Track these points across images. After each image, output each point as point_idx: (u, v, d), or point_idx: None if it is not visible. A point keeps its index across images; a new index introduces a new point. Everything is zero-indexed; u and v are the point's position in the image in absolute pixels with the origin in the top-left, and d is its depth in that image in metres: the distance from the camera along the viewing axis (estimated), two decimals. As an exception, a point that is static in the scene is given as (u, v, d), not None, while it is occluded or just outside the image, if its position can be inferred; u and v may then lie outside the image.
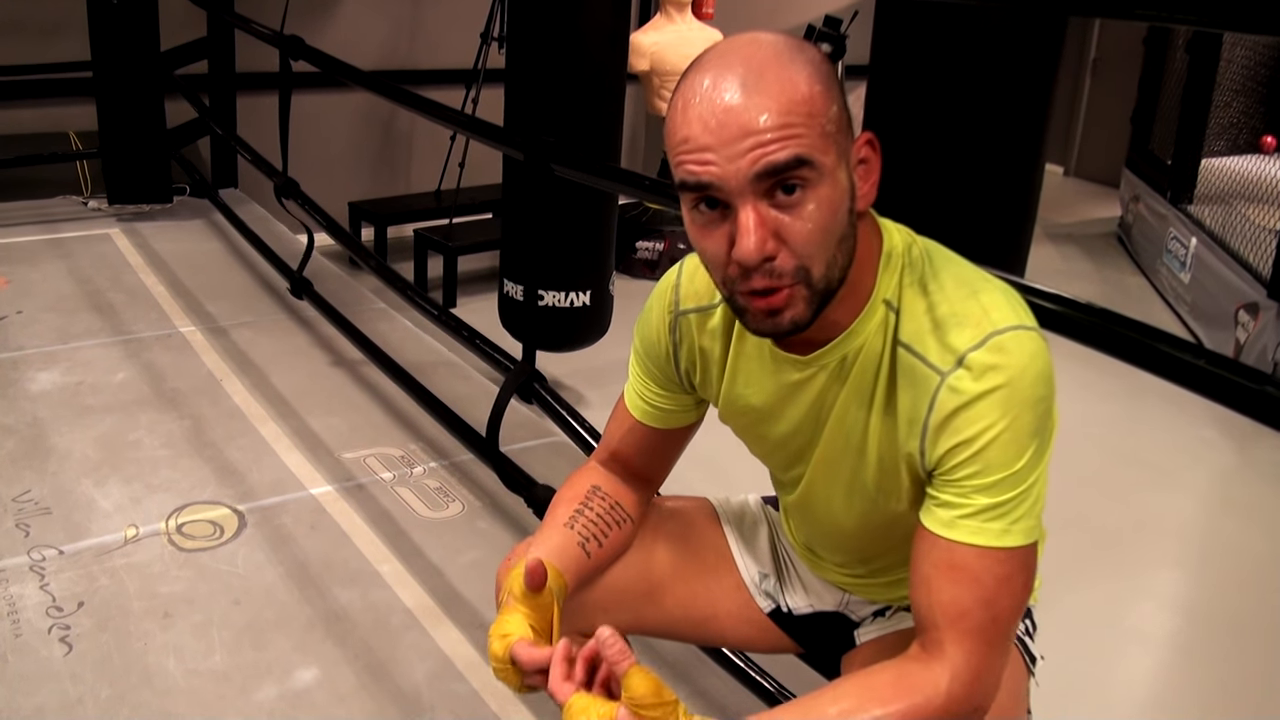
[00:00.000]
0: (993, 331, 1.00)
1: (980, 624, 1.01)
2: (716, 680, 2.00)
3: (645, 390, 1.32)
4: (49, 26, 4.72)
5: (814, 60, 0.98)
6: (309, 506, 2.60)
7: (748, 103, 0.95)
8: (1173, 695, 2.62)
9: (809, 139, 0.96)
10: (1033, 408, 1.00)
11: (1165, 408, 3.88)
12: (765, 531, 1.48)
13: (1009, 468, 1.01)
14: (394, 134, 5.77)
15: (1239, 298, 4.52)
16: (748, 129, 0.95)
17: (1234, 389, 1.26)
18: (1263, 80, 5.75)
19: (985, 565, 1.01)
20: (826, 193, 0.98)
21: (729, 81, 0.96)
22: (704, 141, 0.96)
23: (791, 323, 1.02)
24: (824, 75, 0.98)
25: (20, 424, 2.87)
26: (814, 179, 0.97)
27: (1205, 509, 3.60)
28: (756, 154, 0.95)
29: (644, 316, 1.30)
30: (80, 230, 4.51)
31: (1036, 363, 1.01)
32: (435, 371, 3.35)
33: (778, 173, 0.95)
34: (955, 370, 1.01)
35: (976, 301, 1.03)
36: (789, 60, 0.97)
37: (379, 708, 1.95)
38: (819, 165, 0.96)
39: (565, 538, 1.28)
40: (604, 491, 1.35)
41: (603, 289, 3.46)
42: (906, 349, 1.05)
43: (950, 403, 1.01)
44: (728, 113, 0.95)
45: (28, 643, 2.04)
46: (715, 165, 0.96)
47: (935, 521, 1.04)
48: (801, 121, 0.95)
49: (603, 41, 3.26)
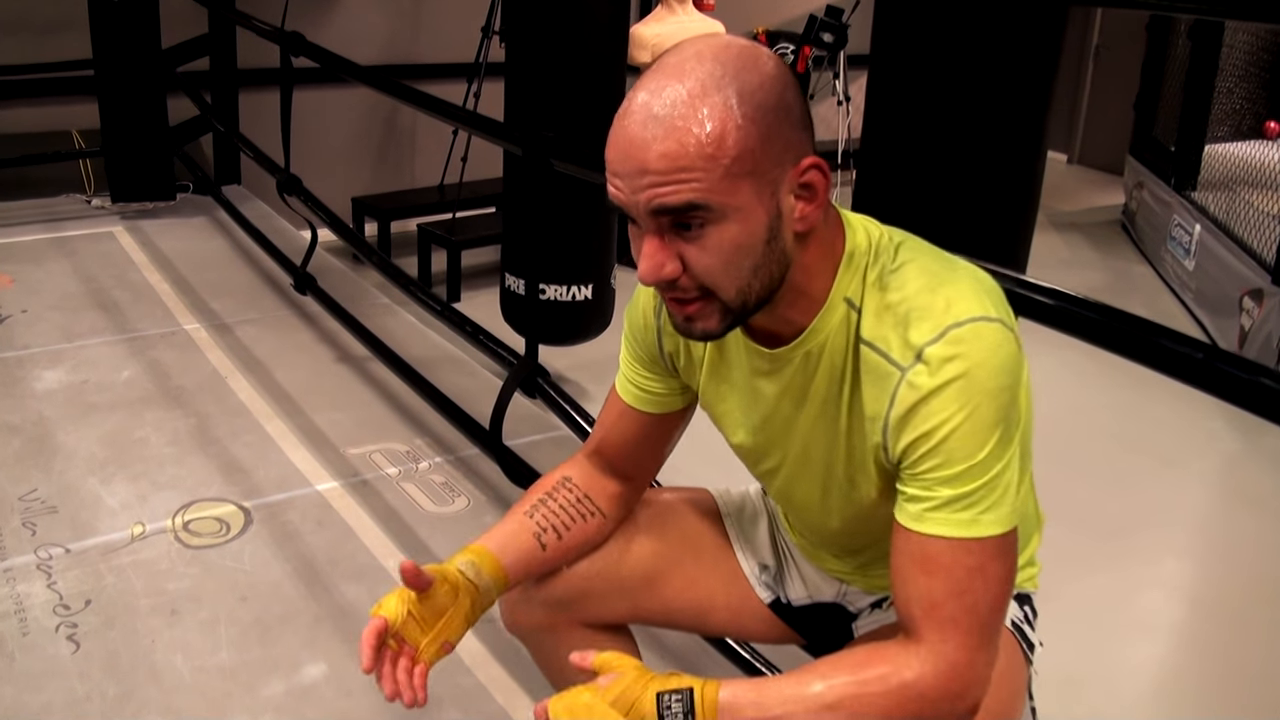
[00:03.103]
0: (951, 324, 1.01)
1: (954, 614, 1.01)
2: (721, 672, 1.99)
3: (634, 374, 1.33)
4: (50, 25, 4.72)
5: (746, 88, 0.96)
6: (315, 502, 2.60)
7: (650, 139, 0.96)
8: (1178, 684, 2.62)
9: (706, 183, 0.96)
10: (993, 398, 1.00)
11: (1171, 398, 3.82)
12: (765, 522, 1.48)
13: (971, 458, 1.01)
14: (396, 129, 5.77)
15: (1243, 284, 4.51)
16: (645, 167, 0.96)
17: (1235, 384, 1.25)
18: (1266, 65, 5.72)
19: (955, 556, 1.02)
20: (730, 229, 0.99)
21: (647, 109, 0.97)
22: (615, 167, 1.00)
23: (703, 332, 1.06)
24: (751, 108, 0.96)
25: (26, 422, 2.88)
26: (712, 218, 0.98)
27: (1211, 499, 3.59)
28: (650, 193, 0.97)
29: (633, 300, 1.32)
30: (84, 229, 4.52)
31: (997, 354, 1.00)
32: (439, 366, 3.35)
33: (670, 212, 0.98)
34: (914, 365, 1.02)
35: (938, 294, 1.03)
36: (712, 89, 0.96)
37: (386, 702, 1.95)
38: (717, 207, 0.97)
39: (520, 526, 1.32)
40: (574, 483, 1.36)
41: (604, 282, 3.46)
42: (869, 346, 1.06)
43: (909, 398, 1.02)
44: (632, 145, 0.97)
45: (35, 641, 2.04)
46: (621, 193, 1.00)
47: (905, 515, 1.05)
48: (700, 166, 0.95)
49: (602, 34, 3.25)
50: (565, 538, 1.33)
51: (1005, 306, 1.06)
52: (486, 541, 1.29)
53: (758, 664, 1.81)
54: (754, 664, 1.81)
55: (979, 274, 1.08)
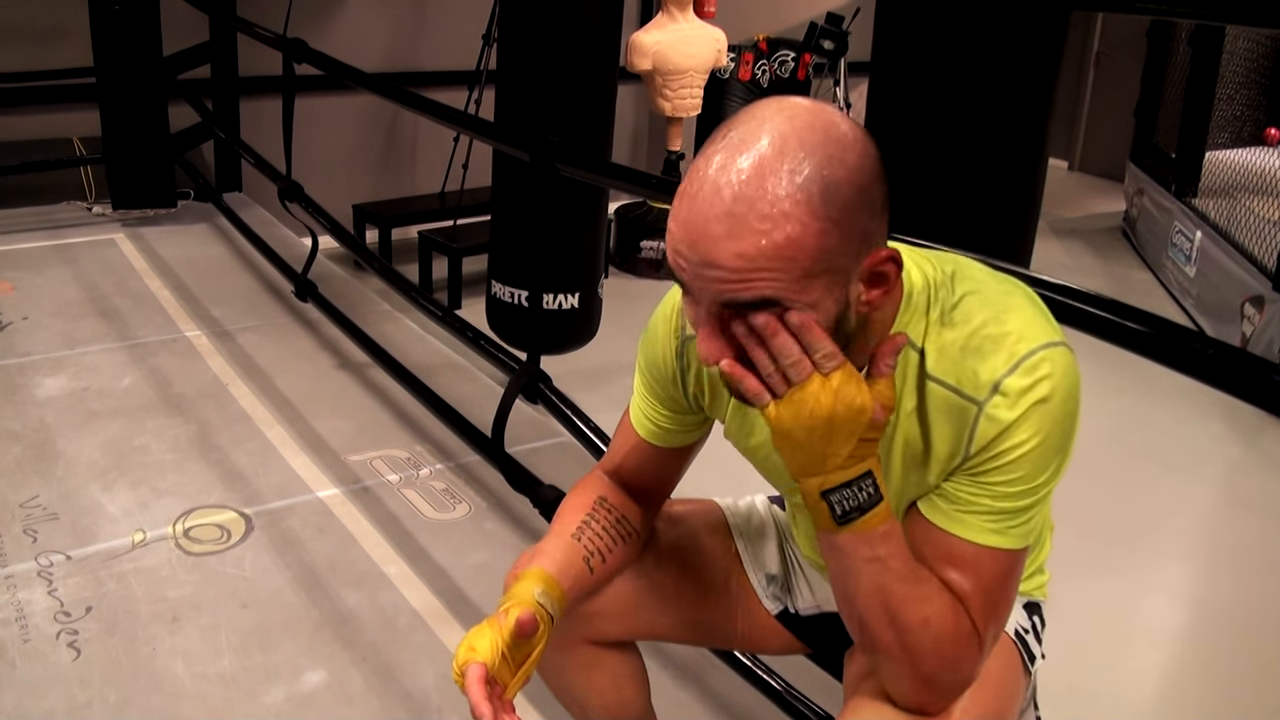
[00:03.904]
0: (1025, 355, 1.01)
1: (981, 606, 1.04)
2: (726, 681, 1.99)
3: (651, 411, 1.31)
4: (52, 32, 4.73)
5: (831, 184, 0.90)
6: (316, 509, 2.60)
7: (723, 235, 0.90)
8: (1182, 690, 2.61)
9: (780, 284, 0.91)
10: (1063, 423, 1.02)
11: (1172, 402, 3.87)
12: (773, 533, 1.48)
13: (1033, 480, 1.03)
14: (397, 136, 5.78)
15: (1244, 290, 4.51)
16: (716, 261, 0.91)
17: (1242, 379, 1.25)
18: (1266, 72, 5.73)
19: (981, 560, 1.04)
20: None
21: (719, 195, 0.90)
22: (680, 246, 0.94)
23: (755, 397, 0.98)
24: (835, 209, 0.90)
25: (27, 430, 2.88)
26: (784, 309, 0.93)
27: (1213, 503, 3.59)
28: (719, 288, 0.92)
29: (648, 337, 1.28)
30: (85, 236, 4.52)
31: (1068, 379, 1.02)
32: (440, 373, 3.35)
33: (739, 307, 0.93)
34: (991, 398, 1.02)
35: (1004, 325, 1.03)
36: (800, 186, 0.89)
37: (387, 710, 1.95)
38: (789, 302, 0.92)
39: (571, 552, 1.27)
40: (610, 504, 1.34)
41: (592, 291, 3.43)
42: (938, 382, 1.05)
43: (989, 431, 1.02)
44: (702, 236, 0.91)
45: (36, 648, 2.04)
46: (686, 274, 0.94)
47: (936, 512, 1.06)
48: (777, 268, 0.90)
49: (594, 39, 3.23)
50: (609, 560, 1.31)
51: (1057, 325, 1.06)
52: (548, 566, 1.23)
53: (760, 672, 1.81)
54: (757, 672, 1.81)
55: (1032, 294, 1.08)
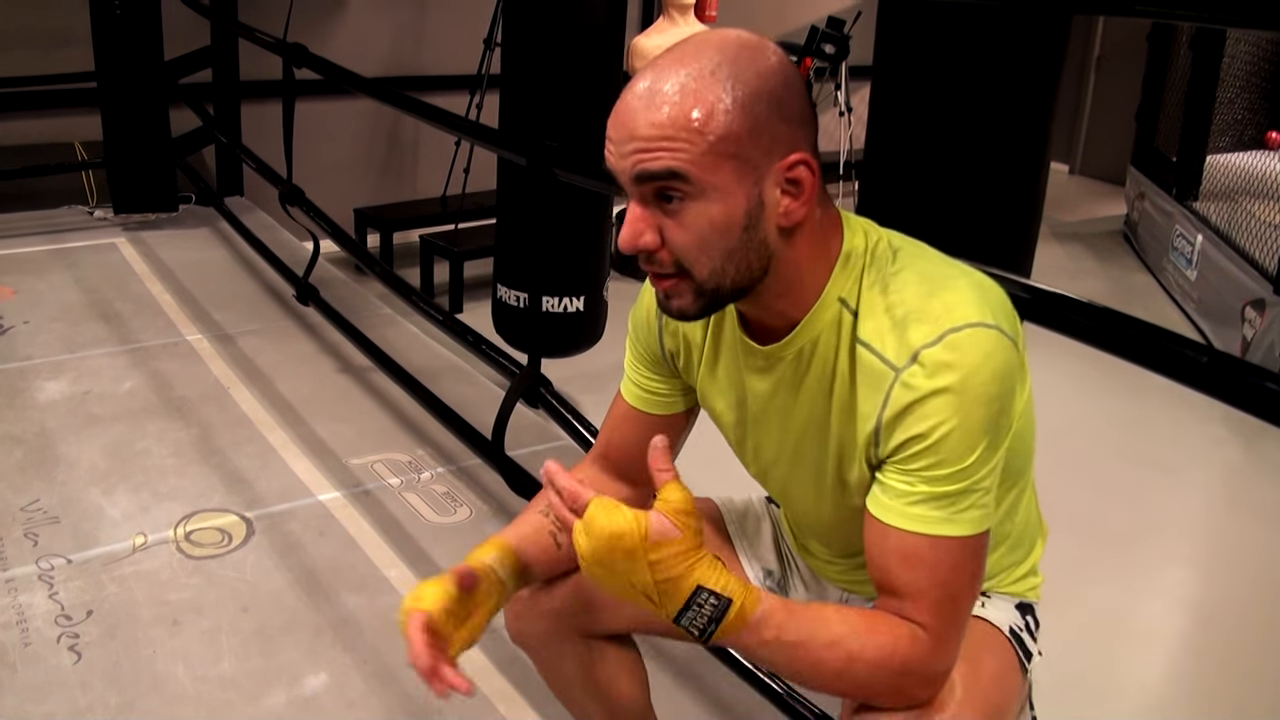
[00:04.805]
0: (950, 329, 1.02)
1: (939, 601, 1.04)
2: (723, 679, 1.99)
3: (637, 374, 1.35)
4: (53, 37, 4.73)
5: (742, 76, 0.99)
6: (317, 513, 2.60)
7: (642, 109, 1.00)
8: (1180, 693, 2.61)
9: (687, 155, 0.99)
10: (985, 405, 1.02)
11: (1172, 405, 3.86)
12: (769, 530, 1.49)
13: (960, 462, 1.03)
14: (399, 140, 5.78)
15: (1245, 294, 4.51)
16: (634, 133, 1.00)
17: (1237, 387, 1.25)
18: (1267, 76, 5.74)
19: (936, 554, 1.04)
20: (708, 208, 1.01)
21: (646, 84, 1.01)
22: (610, 134, 1.03)
23: (679, 311, 1.09)
24: (743, 94, 0.99)
25: (28, 433, 2.88)
26: (692, 193, 1.00)
27: (1213, 507, 3.58)
28: (635, 158, 1.01)
29: (637, 302, 1.34)
30: (86, 240, 4.53)
31: (992, 361, 1.01)
32: (441, 377, 3.35)
33: (652, 179, 1.01)
34: (909, 366, 1.03)
35: (938, 299, 1.04)
36: (710, 73, 0.99)
37: (388, 712, 1.95)
38: (697, 181, 1.00)
39: (537, 524, 1.32)
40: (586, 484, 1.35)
41: (597, 294, 3.44)
42: (865, 346, 1.07)
43: (903, 398, 1.03)
44: (626, 113, 1.01)
45: (37, 651, 2.04)
46: (613, 158, 1.04)
47: (882, 508, 1.07)
48: (684, 137, 0.98)
49: (598, 42, 3.24)
50: None
51: (1009, 313, 1.06)
52: (509, 537, 1.29)
53: (760, 672, 1.81)
54: (757, 673, 1.81)
55: (983, 280, 1.09)
